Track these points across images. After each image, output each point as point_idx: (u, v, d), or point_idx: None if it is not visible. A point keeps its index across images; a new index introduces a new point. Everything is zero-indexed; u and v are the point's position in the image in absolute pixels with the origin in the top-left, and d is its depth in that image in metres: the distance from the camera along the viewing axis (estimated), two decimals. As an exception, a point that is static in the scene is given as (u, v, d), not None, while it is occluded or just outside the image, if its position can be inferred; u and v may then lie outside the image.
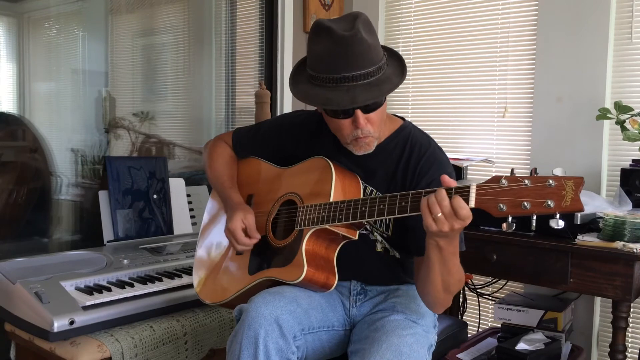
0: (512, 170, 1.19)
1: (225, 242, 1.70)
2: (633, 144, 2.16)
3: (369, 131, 1.43)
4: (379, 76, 1.39)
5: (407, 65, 1.49)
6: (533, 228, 1.13)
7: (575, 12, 2.44)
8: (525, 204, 1.11)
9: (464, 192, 1.19)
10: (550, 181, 1.09)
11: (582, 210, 1.08)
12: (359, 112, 1.40)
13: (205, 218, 1.82)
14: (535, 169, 1.16)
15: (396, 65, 1.45)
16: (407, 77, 1.48)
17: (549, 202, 1.09)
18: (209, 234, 1.78)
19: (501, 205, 1.14)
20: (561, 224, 1.11)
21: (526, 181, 1.12)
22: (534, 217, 1.13)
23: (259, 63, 3.24)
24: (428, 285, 1.37)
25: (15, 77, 2.50)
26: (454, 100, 2.89)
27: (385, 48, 1.47)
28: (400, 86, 1.44)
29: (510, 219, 1.15)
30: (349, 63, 1.35)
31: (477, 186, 1.17)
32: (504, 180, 1.14)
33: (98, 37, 2.80)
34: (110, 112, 2.74)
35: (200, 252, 1.77)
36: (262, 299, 1.40)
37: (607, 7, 2.36)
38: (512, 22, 2.68)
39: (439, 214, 1.19)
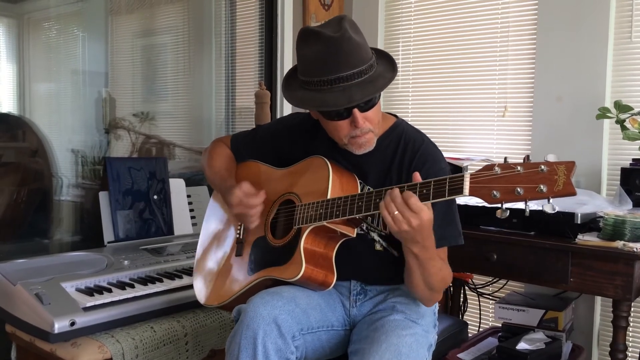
0: (505, 158, 1.20)
1: (225, 245, 1.71)
2: (633, 143, 2.15)
3: (369, 128, 1.44)
4: (371, 74, 1.40)
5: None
6: (527, 214, 1.16)
7: (575, 12, 2.44)
8: (519, 189, 1.12)
9: (457, 181, 1.20)
10: (542, 167, 1.10)
11: (574, 193, 1.09)
12: (356, 112, 1.40)
13: (205, 224, 1.82)
14: (528, 156, 1.17)
15: (386, 63, 1.47)
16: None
17: (542, 187, 1.10)
18: (209, 239, 1.78)
19: (495, 192, 1.15)
20: (556, 208, 1.12)
21: (519, 168, 1.13)
22: (528, 203, 1.14)
23: (258, 63, 3.24)
24: (412, 286, 1.43)
25: (15, 78, 2.50)
26: (454, 100, 2.89)
27: (372, 48, 1.48)
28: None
29: (503, 205, 1.16)
30: (341, 63, 1.36)
31: (470, 174, 1.19)
32: (497, 168, 1.16)
33: (98, 38, 2.80)
34: (110, 112, 2.74)
35: (201, 256, 1.77)
36: (261, 299, 1.41)
37: (606, 7, 2.36)
38: (511, 22, 2.68)
39: (396, 212, 1.23)
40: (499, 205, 1.17)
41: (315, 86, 1.40)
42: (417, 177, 1.28)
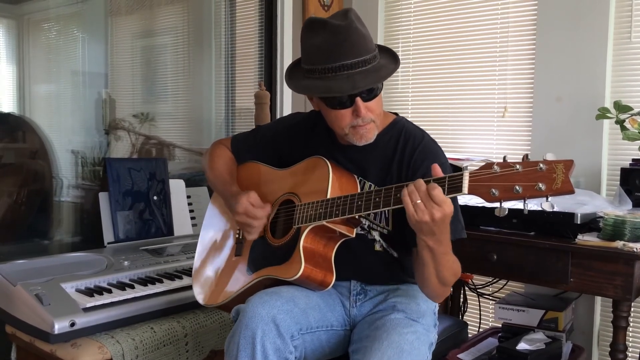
0: (505, 157, 1.21)
1: (225, 245, 1.71)
2: (633, 143, 2.15)
3: (370, 118, 1.44)
4: (375, 64, 1.41)
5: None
6: (526, 212, 1.16)
7: (574, 12, 2.44)
8: (517, 187, 1.13)
9: (456, 179, 1.20)
10: (541, 165, 1.11)
11: (572, 192, 1.09)
12: (359, 101, 1.41)
13: (205, 225, 1.82)
14: (527, 154, 1.17)
15: (388, 56, 1.49)
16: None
17: (540, 185, 1.10)
18: (209, 239, 1.78)
19: (493, 191, 1.15)
20: (554, 206, 1.13)
21: (517, 166, 1.14)
22: (527, 202, 1.15)
23: (258, 64, 3.25)
24: (425, 280, 1.41)
25: (15, 79, 2.50)
26: (453, 100, 2.89)
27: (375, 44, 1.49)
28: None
29: (502, 204, 1.16)
30: (346, 51, 1.37)
31: (469, 173, 1.19)
32: (496, 167, 1.16)
33: (98, 39, 2.80)
34: (110, 113, 2.74)
35: (200, 256, 1.77)
36: (259, 299, 1.41)
37: (606, 7, 2.36)
38: (511, 22, 2.68)
39: (418, 201, 1.23)
40: (498, 203, 1.17)
41: (319, 74, 1.40)
42: (438, 170, 1.27)
